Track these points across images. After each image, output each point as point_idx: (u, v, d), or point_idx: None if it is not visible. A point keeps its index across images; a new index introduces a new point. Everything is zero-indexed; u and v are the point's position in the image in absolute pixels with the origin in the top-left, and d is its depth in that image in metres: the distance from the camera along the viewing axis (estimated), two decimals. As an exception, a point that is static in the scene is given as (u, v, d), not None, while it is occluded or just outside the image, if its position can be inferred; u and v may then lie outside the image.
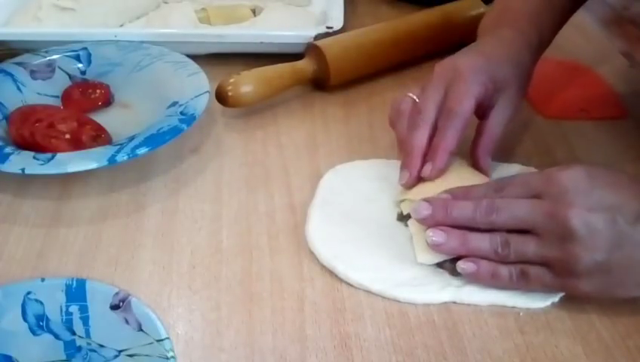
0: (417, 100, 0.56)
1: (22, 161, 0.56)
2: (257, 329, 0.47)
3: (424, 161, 0.54)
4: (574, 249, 0.44)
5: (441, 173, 0.54)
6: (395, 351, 0.45)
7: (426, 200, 0.50)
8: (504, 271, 0.47)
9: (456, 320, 0.48)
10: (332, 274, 0.51)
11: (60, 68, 0.71)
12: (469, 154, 0.57)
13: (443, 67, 0.56)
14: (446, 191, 0.51)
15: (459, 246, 0.48)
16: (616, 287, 0.46)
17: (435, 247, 0.49)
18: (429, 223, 0.49)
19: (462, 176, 0.55)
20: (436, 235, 0.48)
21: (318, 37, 0.74)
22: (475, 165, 0.57)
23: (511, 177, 0.51)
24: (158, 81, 0.69)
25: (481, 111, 0.57)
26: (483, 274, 0.48)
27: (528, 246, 0.46)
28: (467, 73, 0.54)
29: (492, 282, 0.48)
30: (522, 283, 0.47)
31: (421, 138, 0.54)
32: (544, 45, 0.62)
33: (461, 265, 0.48)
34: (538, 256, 0.46)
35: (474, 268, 0.48)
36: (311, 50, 0.72)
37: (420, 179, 0.54)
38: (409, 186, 0.55)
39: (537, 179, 0.48)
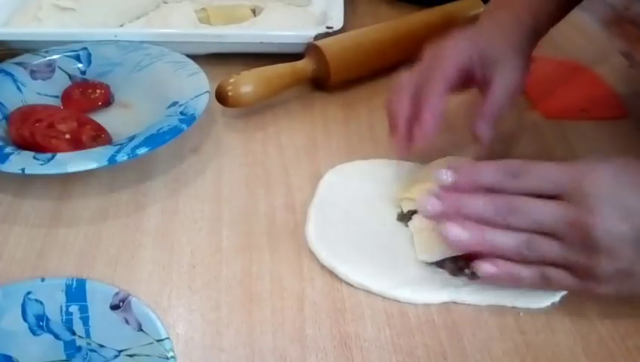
0: None
1: (22, 161, 0.56)
2: (257, 329, 0.47)
3: (411, 129, 0.54)
4: (597, 257, 0.43)
5: (431, 137, 0.53)
6: (395, 351, 0.45)
7: (436, 194, 0.47)
8: (525, 273, 0.46)
9: (456, 320, 0.48)
10: (332, 274, 0.51)
11: (60, 68, 0.71)
12: (470, 126, 0.57)
13: (430, 47, 0.58)
14: (450, 167, 0.48)
15: (481, 242, 0.46)
16: (638, 289, 0.45)
17: (454, 243, 0.46)
18: (439, 220, 0.47)
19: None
20: (462, 233, 0.45)
21: (318, 37, 0.74)
22: (473, 132, 0.56)
23: (528, 163, 0.47)
24: (158, 81, 0.69)
25: (482, 87, 0.57)
26: (503, 276, 0.46)
27: (551, 249, 0.45)
28: (450, 45, 0.56)
29: (511, 284, 0.47)
30: (543, 285, 0.46)
31: (401, 101, 0.55)
32: (540, 30, 0.62)
33: (481, 267, 0.46)
34: (560, 259, 0.45)
35: (494, 270, 0.46)
36: (311, 50, 0.72)
37: (411, 144, 0.55)
38: (402, 152, 0.55)
39: (562, 177, 0.45)
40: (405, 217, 0.54)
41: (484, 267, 0.46)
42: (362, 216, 0.55)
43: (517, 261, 0.46)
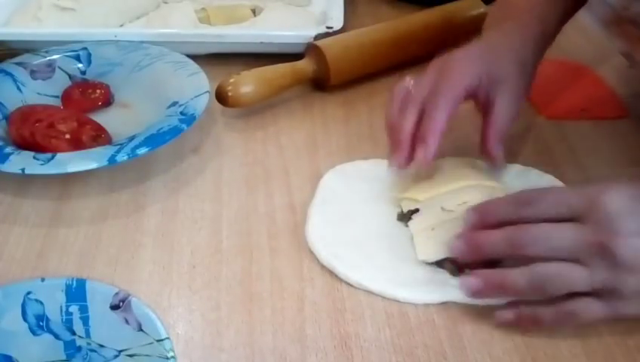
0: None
1: (22, 161, 0.56)
2: (257, 329, 0.47)
3: (414, 146, 0.53)
4: (622, 275, 0.42)
5: (433, 157, 0.52)
6: (395, 351, 0.45)
7: (458, 236, 0.47)
8: (547, 315, 0.45)
9: (456, 320, 0.48)
10: (332, 274, 0.51)
11: (60, 68, 0.71)
12: (479, 148, 0.56)
13: (440, 58, 0.56)
14: (468, 208, 0.48)
15: (496, 292, 0.46)
16: None
17: (474, 296, 0.46)
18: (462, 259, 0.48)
19: (461, 176, 0.55)
20: (475, 283, 0.45)
21: (318, 37, 0.74)
22: (486, 154, 0.56)
23: (538, 190, 0.47)
24: (158, 81, 0.69)
25: (483, 107, 0.56)
26: (524, 321, 0.46)
27: (575, 279, 0.43)
28: (460, 61, 0.55)
29: (532, 327, 0.46)
30: (568, 321, 0.45)
31: (408, 120, 0.53)
32: (549, 38, 0.61)
33: (502, 315, 0.46)
34: (585, 285, 0.43)
35: (514, 316, 0.46)
36: (311, 50, 0.72)
37: (410, 163, 0.53)
38: (400, 170, 0.54)
39: (577, 200, 0.44)
40: (405, 217, 0.54)
41: (505, 313, 0.46)
42: (362, 216, 0.55)
43: (536, 302, 0.45)
